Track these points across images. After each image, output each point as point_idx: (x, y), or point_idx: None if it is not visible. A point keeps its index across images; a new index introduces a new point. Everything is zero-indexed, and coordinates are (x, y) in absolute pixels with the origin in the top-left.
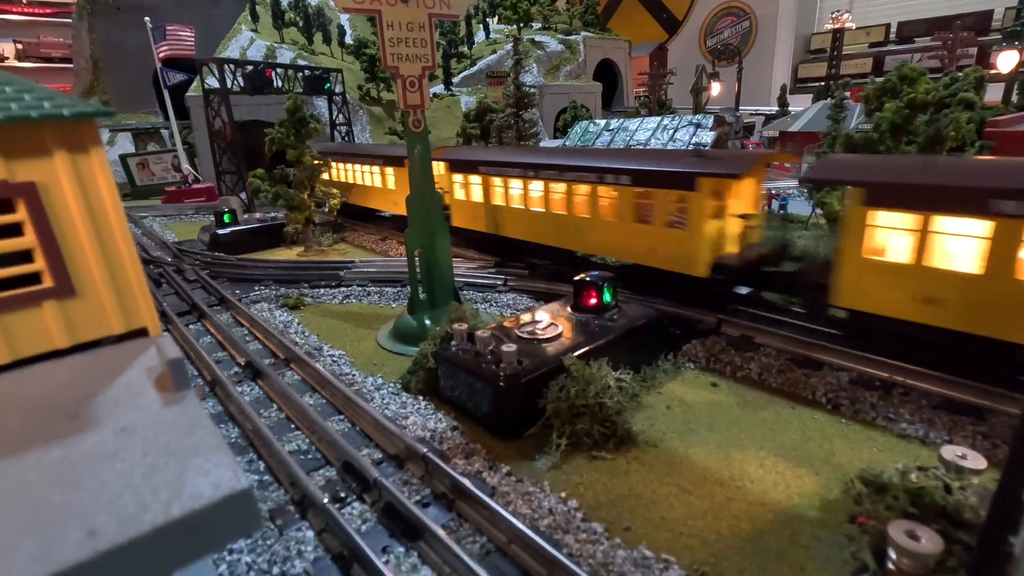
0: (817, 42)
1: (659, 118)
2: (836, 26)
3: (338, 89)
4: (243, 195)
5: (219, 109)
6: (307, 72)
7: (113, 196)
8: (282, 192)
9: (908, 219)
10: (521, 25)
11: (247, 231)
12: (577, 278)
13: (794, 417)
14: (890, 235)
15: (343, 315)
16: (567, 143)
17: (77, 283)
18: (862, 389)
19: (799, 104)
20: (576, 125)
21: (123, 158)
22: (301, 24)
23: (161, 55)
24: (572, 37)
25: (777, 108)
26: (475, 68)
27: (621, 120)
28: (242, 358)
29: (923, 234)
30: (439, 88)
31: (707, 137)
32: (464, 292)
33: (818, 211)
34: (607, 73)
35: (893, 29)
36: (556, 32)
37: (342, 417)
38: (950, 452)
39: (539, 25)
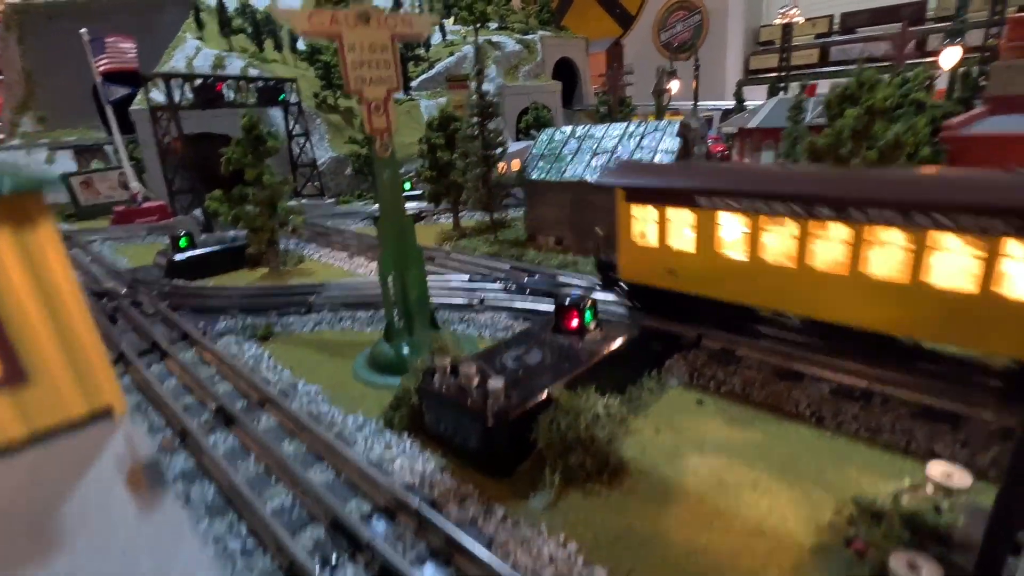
0: (766, 34)
1: (624, 124)
2: (785, 21)
3: (293, 99)
4: (198, 212)
5: (168, 126)
6: (260, 83)
7: (66, 270)
8: (242, 214)
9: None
10: (478, 26)
11: (205, 255)
12: (558, 300)
13: (781, 434)
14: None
15: (315, 344)
16: (534, 151)
17: (30, 368)
18: (843, 400)
19: (753, 96)
20: (542, 133)
21: (64, 177)
22: (250, 30)
23: (101, 69)
24: (529, 37)
25: (734, 103)
26: (434, 71)
27: (587, 127)
28: (212, 402)
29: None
30: (398, 93)
31: (673, 144)
32: (440, 314)
33: None
34: (566, 71)
35: (837, 20)
36: (513, 32)
37: (325, 465)
38: (937, 470)
39: (496, 25)
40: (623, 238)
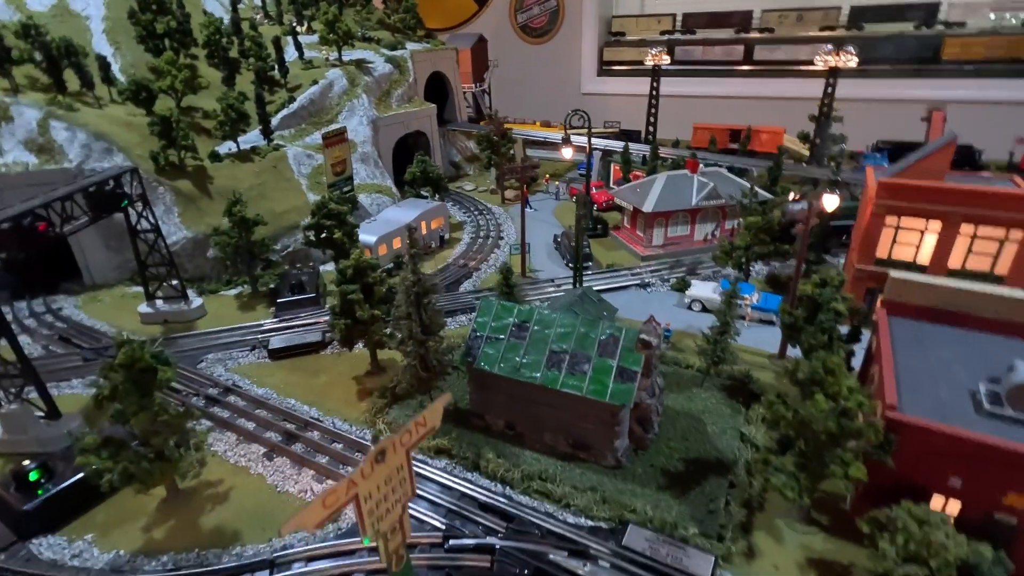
0: (617, 25)
1: (575, 319)
2: (654, 63)
3: (136, 187)
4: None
5: None
6: (91, 189)
7: None
8: (135, 469)
9: None
10: (341, 45)
11: (67, 490)
12: None
13: None
14: None
15: None
16: (476, 329)
17: None
18: None
19: (608, 87)
20: (482, 302)
21: None
22: (40, 58)
23: None
24: (398, 53)
25: (622, 145)
26: (296, 105)
27: (533, 310)
28: None
29: None
30: (255, 135)
31: (638, 360)
32: None
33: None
34: (438, 85)
35: (679, 19)
36: (380, 47)
37: None
38: None
39: (360, 34)
40: None
